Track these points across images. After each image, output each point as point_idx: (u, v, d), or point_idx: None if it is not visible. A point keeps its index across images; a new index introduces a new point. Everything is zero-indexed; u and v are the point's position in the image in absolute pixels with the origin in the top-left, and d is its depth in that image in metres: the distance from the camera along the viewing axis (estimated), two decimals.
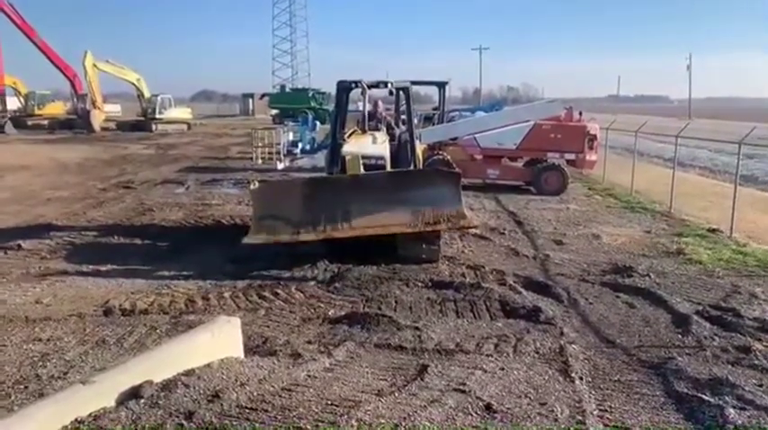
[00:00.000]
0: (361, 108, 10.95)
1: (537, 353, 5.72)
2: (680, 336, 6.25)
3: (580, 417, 4.49)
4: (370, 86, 9.79)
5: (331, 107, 40.07)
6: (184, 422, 4.11)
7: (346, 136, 10.02)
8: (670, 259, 9.48)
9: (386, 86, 9.99)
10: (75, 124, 39.93)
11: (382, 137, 10.05)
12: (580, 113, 17.70)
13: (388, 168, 9.31)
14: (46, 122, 41.29)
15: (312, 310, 6.87)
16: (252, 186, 8.78)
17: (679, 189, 14.23)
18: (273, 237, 8.33)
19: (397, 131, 10.85)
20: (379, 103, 11.09)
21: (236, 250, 8.69)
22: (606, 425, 4.41)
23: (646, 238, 11.06)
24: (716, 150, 27.90)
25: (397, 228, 8.35)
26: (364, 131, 10.03)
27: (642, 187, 16.53)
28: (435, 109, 20.26)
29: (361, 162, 9.00)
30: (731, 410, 4.59)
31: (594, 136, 16.67)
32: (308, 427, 4.16)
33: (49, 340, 5.79)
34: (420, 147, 11.26)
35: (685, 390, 4.97)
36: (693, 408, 4.70)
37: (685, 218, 13.04)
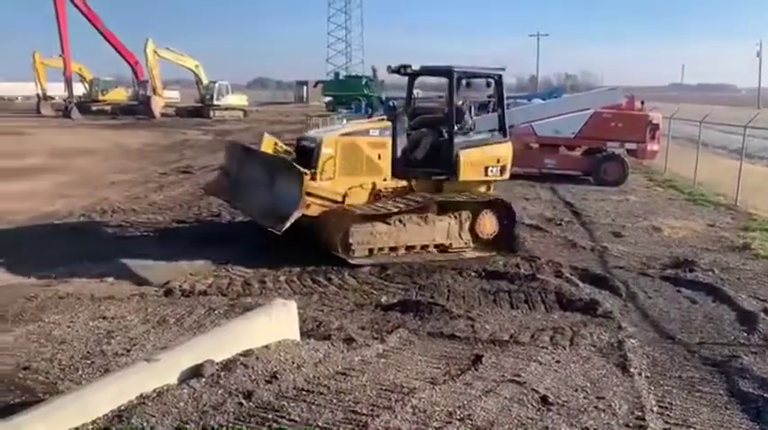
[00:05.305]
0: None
1: (594, 346, 5.61)
2: (745, 334, 6.04)
3: (639, 413, 4.38)
4: (418, 74, 9.48)
5: (383, 95, 40.12)
6: (243, 401, 4.21)
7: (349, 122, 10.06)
8: (735, 254, 9.13)
9: (443, 74, 9.45)
10: (137, 110, 41.03)
11: (375, 127, 8.72)
12: (642, 102, 17.20)
13: (323, 153, 8.11)
14: (109, 108, 42.75)
15: (365, 296, 6.93)
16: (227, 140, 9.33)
17: (746, 181, 13.64)
18: (216, 193, 9.56)
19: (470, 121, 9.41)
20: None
21: (290, 235, 8.77)
22: (667, 423, 4.29)
23: (709, 232, 10.68)
24: None
25: (251, 212, 8.37)
26: (381, 120, 9.26)
27: (706, 179, 15.93)
28: (490, 96, 19.95)
29: (268, 139, 9.32)
30: None
31: (657, 125, 16.19)
32: (365, 411, 4.19)
33: (113, 318, 6.02)
34: (505, 145, 9.43)
35: (751, 390, 4.81)
36: (759, 409, 4.53)
37: (752, 211, 12.52)
